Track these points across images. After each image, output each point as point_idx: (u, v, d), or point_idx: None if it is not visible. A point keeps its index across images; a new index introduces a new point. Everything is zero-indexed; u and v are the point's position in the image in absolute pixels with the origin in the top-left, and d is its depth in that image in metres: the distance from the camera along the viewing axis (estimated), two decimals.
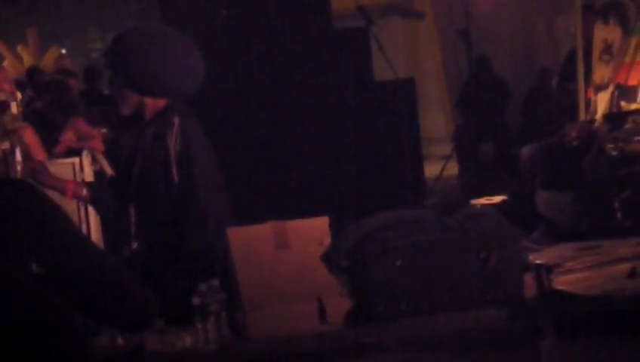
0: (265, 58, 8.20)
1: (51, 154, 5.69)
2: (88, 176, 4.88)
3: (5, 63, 10.53)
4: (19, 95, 4.71)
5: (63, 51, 12.49)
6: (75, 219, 4.76)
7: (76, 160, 4.92)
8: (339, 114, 8.32)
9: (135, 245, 3.97)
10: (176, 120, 3.87)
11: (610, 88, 5.24)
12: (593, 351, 3.07)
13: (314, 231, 3.46)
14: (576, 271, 3.44)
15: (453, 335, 3.24)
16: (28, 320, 2.10)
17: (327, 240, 3.44)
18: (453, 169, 11.40)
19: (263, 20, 8.31)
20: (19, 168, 4.33)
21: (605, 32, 5.35)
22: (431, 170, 10.69)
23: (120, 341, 3.16)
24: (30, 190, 2.29)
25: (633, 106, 5.20)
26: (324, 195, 7.69)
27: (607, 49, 5.31)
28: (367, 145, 8.41)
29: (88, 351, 2.19)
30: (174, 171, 3.81)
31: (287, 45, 8.23)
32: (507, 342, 3.18)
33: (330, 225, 3.50)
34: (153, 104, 3.94)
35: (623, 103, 5.22)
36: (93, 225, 4.88)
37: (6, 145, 4.24)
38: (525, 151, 5.46)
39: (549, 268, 3.44)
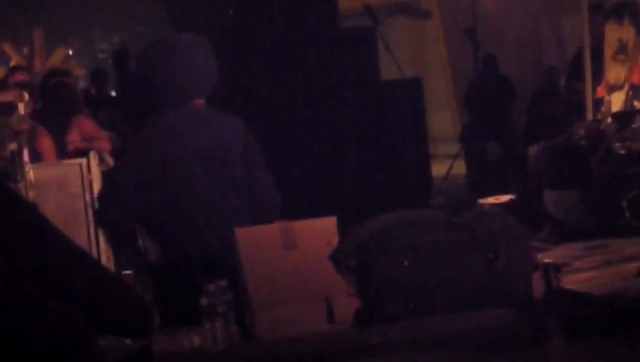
0: (271, 57, 8.20)
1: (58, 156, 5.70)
2: (96, 176, 4.90)
3: (12, 64, 10.53)
4: (26, 96, 4.74)
5: (70, 52, 12.50)
6: (82, 219, 4.77)
7: (84, 160, 4.94)
8: (345, 113, 8.31)
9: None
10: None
11: (626, 88, 5.23)
12: (602, 351, 3.06)
13: (322, 231, 3.46)
14: (584, 270, 3.44)
15: (460, 335, 3.24)
16: (29, 321, 2.08)
17: (335, 241, 3.44)
18: (460, 168, 11.41)
19: (268, 20, 8.31)
20: (26, 168, 4.35)
21: (620, 32, 5.35)
22: (438, 169, 10.70)
23: (128, 341, 3.16)
24: (5, 193, 2.20)
25: None
26: (330, 195, 7.69)
27: (623, 49, 5.31)
28: (373, 144, 8.40)
29: (91, 352, 2.18)
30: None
31: (293, 45, 8.23)
32: (515, 342, 3.18)
33: (337, 226, 3.50)
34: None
35: (636, 103, 5.22)
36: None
37: (14, 146, 4.26)
38: (532, 150, 5.45)
39: (557, 268, 3.44)
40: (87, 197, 4.90)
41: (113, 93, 12.47)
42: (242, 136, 4.25)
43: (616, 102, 5.24)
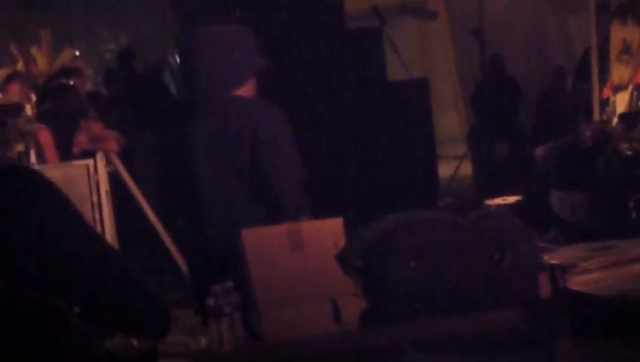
0: (278, 59, 8.19)
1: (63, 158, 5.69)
2: (103, 177, 4.90)
3: (19, 66, 10.52)
4: (33, 97, 4.75)
5: (77, 53, 12.50)
6: (89, 218, 4.77)
7: (90, 161, 4.95)
8: (353, 114, 8.31)
9: None
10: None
11: (630, 88, 5.22)
12: (608, 352, 3.06)
13: (328, 232, 3.46)
14: (591, 271, 3.43)
15: (467, 336, 3.24)
16: (28, 322, 2.07)
17: (342, 242, 3.44)
18: (467, 169, 11.40)
19: (276, 21, 8.31)
20: None
21: (624, 32, 5.33)
22: (445, 170, 10.70)
23: (134, 342, 3.16)
24: (32, 177, 2.16)
25: None
26: (337, 196, 7.68)
27: (627, 49, 5.29)
28: (381, 145, 8.40)
29: (90, 353, 2.17)
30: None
31: (301, 46, 8.23)
32: (522, 343, 3.18)
33: (344, 227, 3.50)
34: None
35: None
36: (107, 224, 4.89)
37: (21, 147, 4.27)
38: (539, 151, 5.44)
39: (563, 269, 3.43)
40: (94, 198, 4.90)
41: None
42: (254, 124, 4.11)
43: (621, 102, 5.22)
